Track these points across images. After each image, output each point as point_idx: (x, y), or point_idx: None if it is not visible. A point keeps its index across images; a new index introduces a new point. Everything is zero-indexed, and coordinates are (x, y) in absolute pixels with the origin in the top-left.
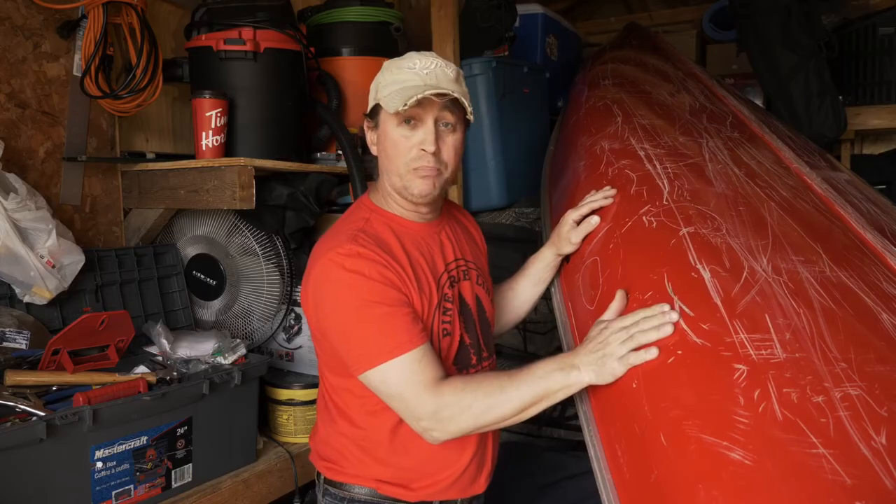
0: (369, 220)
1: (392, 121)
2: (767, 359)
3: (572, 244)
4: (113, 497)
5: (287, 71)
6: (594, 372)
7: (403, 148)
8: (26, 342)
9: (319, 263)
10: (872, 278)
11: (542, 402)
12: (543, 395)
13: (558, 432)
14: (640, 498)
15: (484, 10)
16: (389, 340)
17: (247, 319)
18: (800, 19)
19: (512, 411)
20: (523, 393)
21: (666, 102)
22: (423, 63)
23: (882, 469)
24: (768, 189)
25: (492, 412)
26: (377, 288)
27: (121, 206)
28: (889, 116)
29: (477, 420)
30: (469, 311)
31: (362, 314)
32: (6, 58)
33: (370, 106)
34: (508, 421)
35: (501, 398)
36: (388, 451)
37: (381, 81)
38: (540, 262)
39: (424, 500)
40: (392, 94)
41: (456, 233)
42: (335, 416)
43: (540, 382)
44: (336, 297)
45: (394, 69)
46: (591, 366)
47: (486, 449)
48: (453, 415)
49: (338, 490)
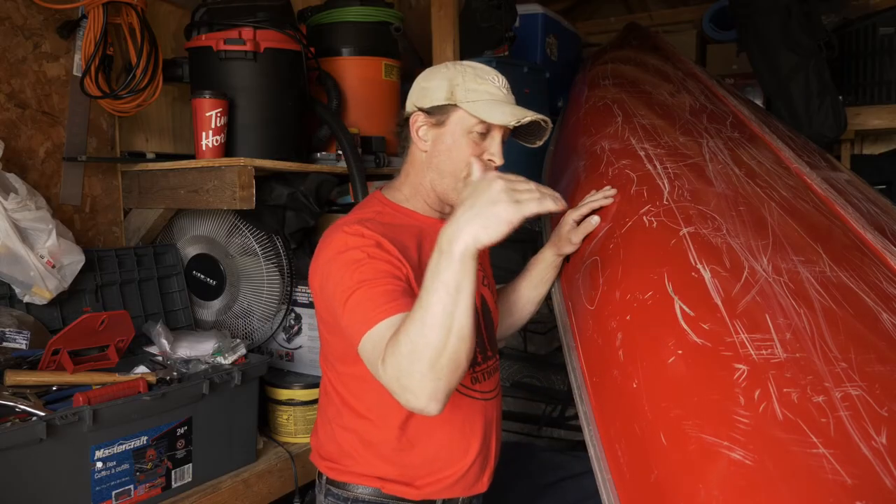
0: (381, 212)
1: (468, 125)
2: (768, 359)
3: (573, 244)
4: (113, 497)
5: (287, 71)
6: (478, 226)
7: (472, 153)
8: (26, 342)
9: (326, 246)
10: (873, 278)
11: (458, 298)
12: (447, 291)
13: (558, 432)
14: (640, 498)
15: (484, 10)
16: (373, 309)
17: (247, 319)
18: (800, 19)
19: (437, 330)
20: (430, 306)
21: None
22: (501, 81)
23: (882, 469)
24: (768, 189)
25: (420, 344)
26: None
27: (121, 206)
28: (889, 116)
29: (423, 363)
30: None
31: (356, 284)
32: (6, 58)
33: (437, 103)
34: (449, 342)
35: (416, 326)
36: (395, 448)
37: (464, 86)
38: (541, 264)
39: (428, 498)
40: (485, 103)
41: None
42: (340, 409)
43: (435, 284)
44: (340, 272)
45: (477, 78)
46: (471, 223)
47: (490, 447)
48: (405, 371)
49: (340, 490)
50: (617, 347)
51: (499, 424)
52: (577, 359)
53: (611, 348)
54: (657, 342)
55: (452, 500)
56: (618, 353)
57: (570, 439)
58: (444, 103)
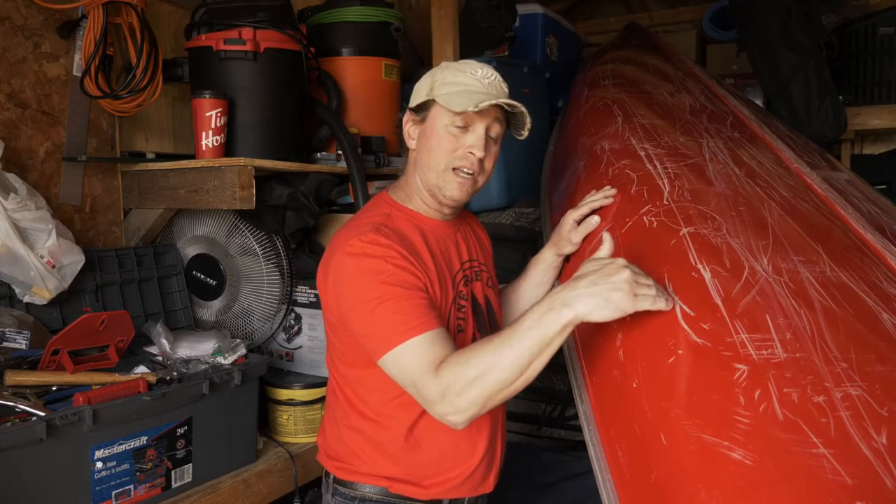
0: (390, 215)
1: (445, 118)
2: (768, 359)
3: (573, 244)
4: (113, 497)
5: (287, 71)
6: (593, 304)
7: (450, 146)
8: (26, 342)
9: (341, 250)
10: (873, 278)
11: (543, 352)
12: (539, 343)
13: (558, 432)
14: (640, 498)
15: (484, 10)
16: (405, 322)
17: (247, 319)
18: (800, 19)
19: (512, 370)
20: (518, 347)
21: (666, 102)
22: (483, 72)
23: (883, 469)
24: (768, 189)
25: (491, 375)
26: (397, 273)
27: (121, 206)
28: (889, 116)
29: (483, 389)
30: (480, 310)
31: (383, 296)
32: (6, 58)
33: (420, 100)
34: (514, 384)
35: (497, 358)
36: (402, 448)
37: (441, 80)
38: (541, 264)
39: (435, 498)
40: (455, 93)
41: (468, 236)
42: (347, 410)
43: (531, 332)
44: (358, 283)
45: (455, 71)
46: (589, 298)
47: (496, 448)
48: (461, 389)
49: (348, 489)
50: (617, 347)
51: (504, 425)
52: (577, 359)
53: (611, 348)
54: (657, 342)
55: (458, 501)
56: (618, 353)
57: (570, 439)
58: (425, 99)
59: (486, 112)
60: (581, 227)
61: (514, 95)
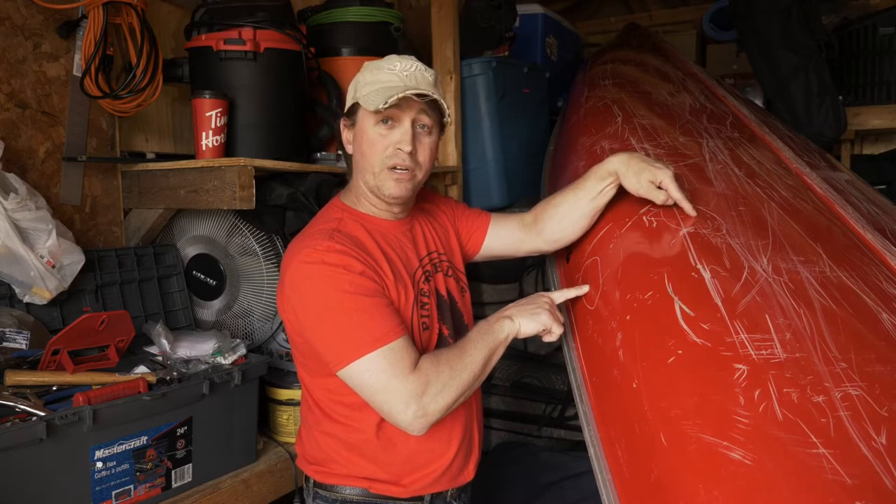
0: (342, 219)
1: (370, 119)
2: (768, 359)
3: (640, 184)
4: (113, 497)
5: (287, 71)
6: (527, 322)
7: (380, 146)
8: (26, 342)
9: (296, 260)
10: (872, 278)
11: (494, 355)
12: (494, 347)
13: (558, 432)
14: (640, 498)
15: (484, 10)
16: (372, 331)
17: (247, 319)
18: (800, 20)
19: (475, 372)
20: (479, 351)
21: (666, 102)
22: (403, 65)
23: (882, 469)
24: (768, 189)
25: (461, 377)
26: (357, 280)
27: (121, 206)
28: (889, 116)
29: (455, 391)
30: (444, 303)
31: (344, 307)
32: (6, 58)
33: (348, 105)
34: (474, 384)
35: (465, 361)
36: (376, 447)
37: (361, 81)
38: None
39: (416, 495)
40: (371, 93)
41: (425, 227)
42: (319, 417)
43: (488, 338)
44: (316, 292)
45: (374, 69)
46: (524, 317)
47: (473, 437)
48: (437, 391)
49: (328, 493)
50: (617, 347)
51: (479, 413)
52: (577, 359)
53: (611, 348)
54: (657, 342)
55: (441, 494)
56: (618, 353)
57: (570, 439)
58: (352, 103)
59: (410, 104)
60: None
61: (514, 95)
